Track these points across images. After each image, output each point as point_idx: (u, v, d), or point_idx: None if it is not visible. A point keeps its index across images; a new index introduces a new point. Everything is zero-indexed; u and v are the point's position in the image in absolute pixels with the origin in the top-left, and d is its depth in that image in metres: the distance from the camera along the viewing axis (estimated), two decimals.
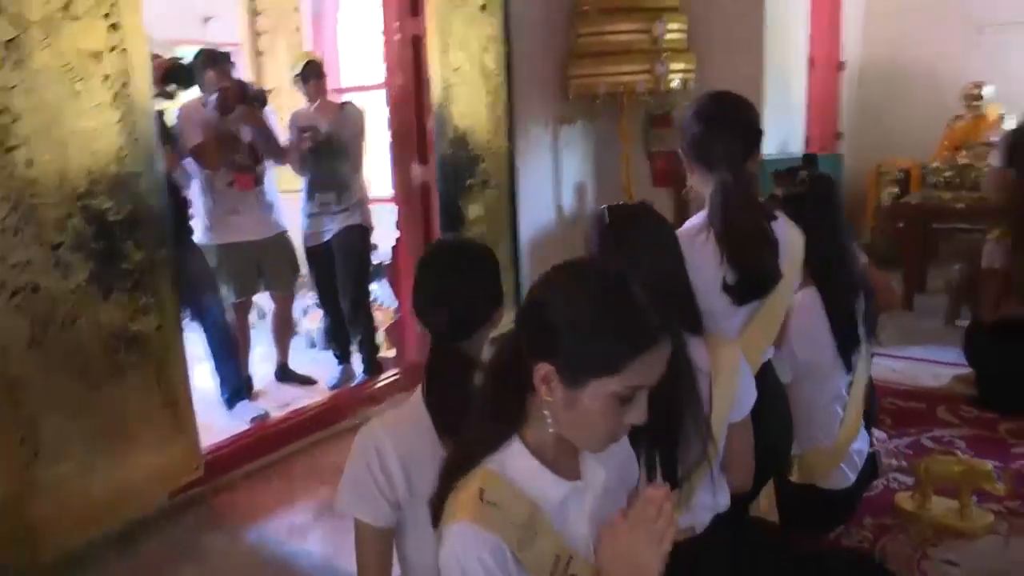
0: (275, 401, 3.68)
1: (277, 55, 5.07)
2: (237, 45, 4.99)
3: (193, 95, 3.55)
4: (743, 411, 1.66)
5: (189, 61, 3.54)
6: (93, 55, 2.21)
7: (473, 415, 1.17)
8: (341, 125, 3.72)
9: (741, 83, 2.14)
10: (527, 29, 3.91)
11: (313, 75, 3.74)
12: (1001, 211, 3.25)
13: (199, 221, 3.56)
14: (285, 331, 4.04)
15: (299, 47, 4.96)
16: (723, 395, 1.59)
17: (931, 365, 3.61)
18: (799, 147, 4.75)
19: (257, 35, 5.12)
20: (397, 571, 1.43)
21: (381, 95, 3.81)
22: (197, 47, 3.85)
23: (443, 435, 1.29)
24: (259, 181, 3.62)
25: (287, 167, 3.79)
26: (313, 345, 4.53)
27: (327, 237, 3.78)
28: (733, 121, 1.88)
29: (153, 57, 2.59)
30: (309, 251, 3.88)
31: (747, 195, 1.83)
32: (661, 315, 1.07)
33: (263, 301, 4.21)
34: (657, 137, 4.44)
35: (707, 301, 1.66)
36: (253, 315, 4.07)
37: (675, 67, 3.92)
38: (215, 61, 3.54)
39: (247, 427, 3.23)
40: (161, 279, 2.44)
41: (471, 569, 1.03)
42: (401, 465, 1.29)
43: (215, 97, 3.40)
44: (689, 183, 1.94)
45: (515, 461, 1.12)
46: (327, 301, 3.96)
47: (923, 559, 2.19)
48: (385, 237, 4.17)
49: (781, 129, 4.49)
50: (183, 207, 3.37)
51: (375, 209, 3.97)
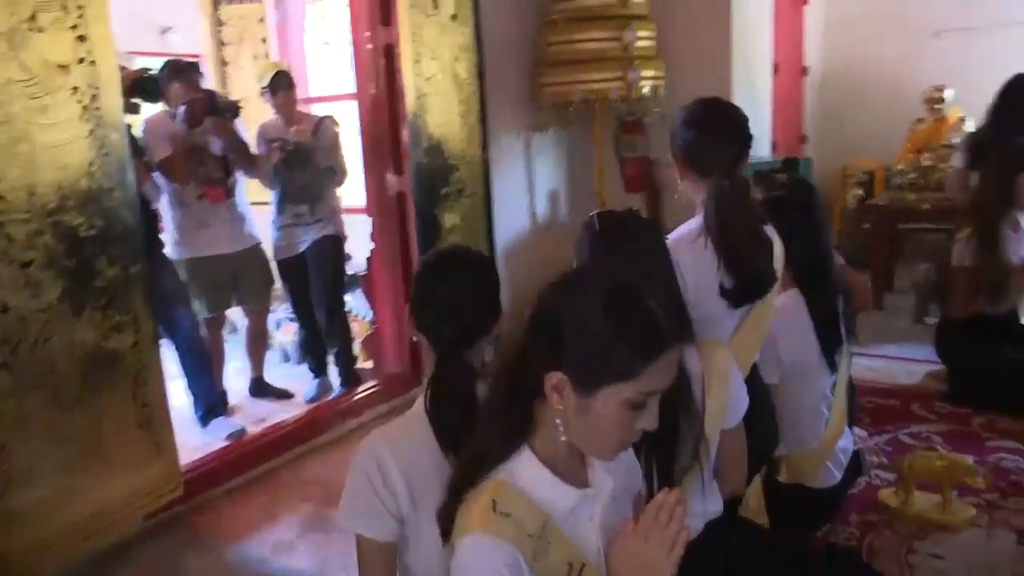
0: (251, 416, 3.60)
1: (242, 65, 5.00)
2: (199, 56, 4.90)
3: (159, 108, 3.47)
4: (736, 416, 1.67)
5: (155, 73, 3.47)
6: (60, 67, 2.15)
7: (481, 426, 1.16)
8: (317, 139, 3.65)
9: (710, 89, 2.17)
10: (497, 38, 3.92)
11: (282, 86, 3.63)
12: (966, 212, 3.33)
13: (168, 235, 3.48)
14: (259, 345, 3.97)
15: (265, 57, 4.89)
16: (716, 401, 1.60)
17: (905, 363, 3.67)
18: (766, 151, 4.82)
19: (222, 45, 5.04)
20: None
21: (351, 105, 3.77)
22: (156, 59, 3.76)
23: (445, 446, 1.27)
24: (230, 194, 3.55)
25: (255, 180, 3.73)
26: (287, 359, 4.46)
27: (301, 248, 3.72)
28: (725, 126, 1.89)
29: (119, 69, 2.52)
30: (281, 264, 3.81)
31: (741, 199, 1.85)
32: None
33: (235, 315, 4.14)
34: (628, 144, 4.45)
35: (707, 306, 1.67)
36: (226, 329, 3.99)
37: (645, 74, 3.96)
38: (181, 72, 3.47)
39: (224, 444, 3.16)
40: (135, 295, 2.38)
41: None
42: (403, 478, 1.26)
43: (183, 109, 3.33)
44: (680, 188, 1.95)
45: (526, 471, 1.11)
46: (302, 314, 3.89)
47: (910, 553, 2.22)
48: (358, 247, 4.13)
49: None
50: (153, 221, 3.29)
51: (346, 219, 3.92)
